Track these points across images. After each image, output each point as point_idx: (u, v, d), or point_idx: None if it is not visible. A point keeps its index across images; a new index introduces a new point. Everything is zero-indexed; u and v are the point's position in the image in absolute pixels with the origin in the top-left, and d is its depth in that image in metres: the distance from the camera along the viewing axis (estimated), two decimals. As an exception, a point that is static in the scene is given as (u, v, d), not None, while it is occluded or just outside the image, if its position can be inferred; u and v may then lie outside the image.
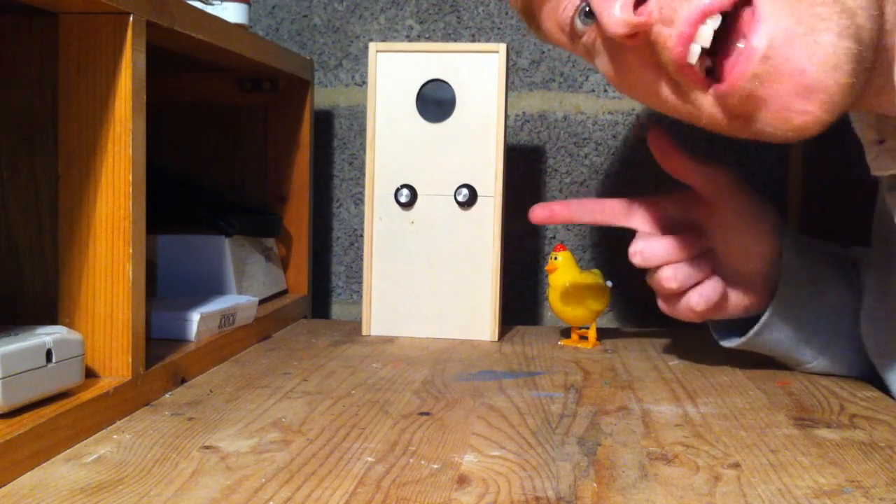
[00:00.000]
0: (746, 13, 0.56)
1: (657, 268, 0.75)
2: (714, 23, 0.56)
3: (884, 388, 0.75)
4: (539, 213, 0.81)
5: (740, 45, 0.56)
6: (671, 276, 0.74)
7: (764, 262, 0.76)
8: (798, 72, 0.54)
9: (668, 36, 0.57)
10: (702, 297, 0.75)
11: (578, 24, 0.65)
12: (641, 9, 0.57)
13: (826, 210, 1.06)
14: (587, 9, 0.63)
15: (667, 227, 0.77)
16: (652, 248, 0.75)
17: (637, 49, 0.60)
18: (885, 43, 0.57)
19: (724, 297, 0.76)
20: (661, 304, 0.78)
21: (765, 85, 0.56)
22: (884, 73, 0.58)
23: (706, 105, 0.60)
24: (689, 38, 0.56)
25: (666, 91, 0.61)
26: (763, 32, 0.55)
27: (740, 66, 0.56)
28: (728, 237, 0.76)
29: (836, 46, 0.54)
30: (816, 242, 0.80)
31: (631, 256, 0.76)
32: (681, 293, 0.76)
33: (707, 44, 0.56)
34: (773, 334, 0.77)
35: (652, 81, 0.61)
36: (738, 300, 0.77)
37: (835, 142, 0.68)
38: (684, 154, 0.76)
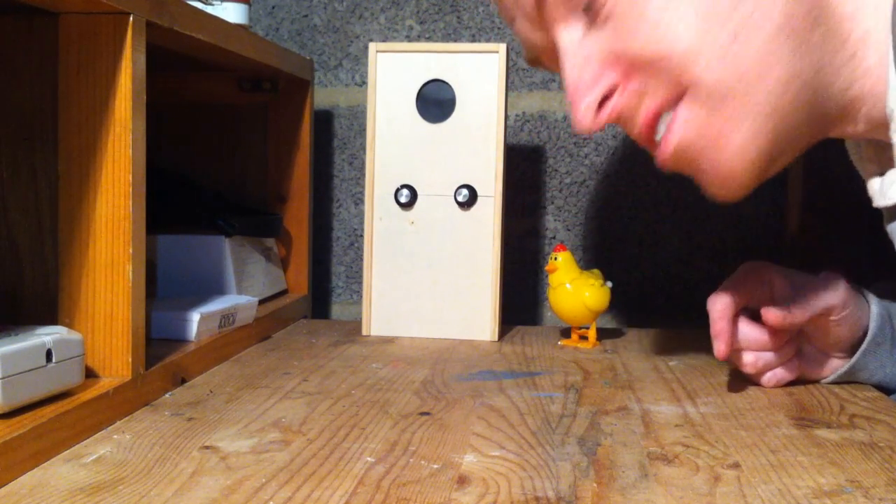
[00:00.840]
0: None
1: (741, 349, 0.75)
2: (667, 118, 0.63)
3: (884, 387, 0.75)
4: (724, 351, 0.75)
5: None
6: (751, 364, 0.75)
7: (848, 346, 0.76)
8: (713, 163, 0.62)
9: (632, 126, 0.64)
10: (774, 377, 0.76)
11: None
12: (606, 104, 0.63)
13: (826, 211, 1.06)
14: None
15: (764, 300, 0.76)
16: (746, 335, 0.74)
17: None
18: (852, 88, 0.62)
19: (797, 376, 0.77)
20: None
21: (690, 166, 0.64)
22: (866, 116, 0.63)
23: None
24: (650, 133, 0.64)
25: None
26: (673, 136, 0.62)
27: (661, 153, 0.64)
28: (825, 337, 0.75)
29: (746, 145, 0.61)
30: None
31: (720, 345, 0.74)
32: (756, 375, 0.76)
33: (664, 129, 0.64)
34: (864, 375, 0.78)
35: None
36: (813, 373, 0.77)
37: (835, 144, 0.69)
38: (798, 310, 0.73)
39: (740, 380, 0.77)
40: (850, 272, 0.79)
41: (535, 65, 0.72)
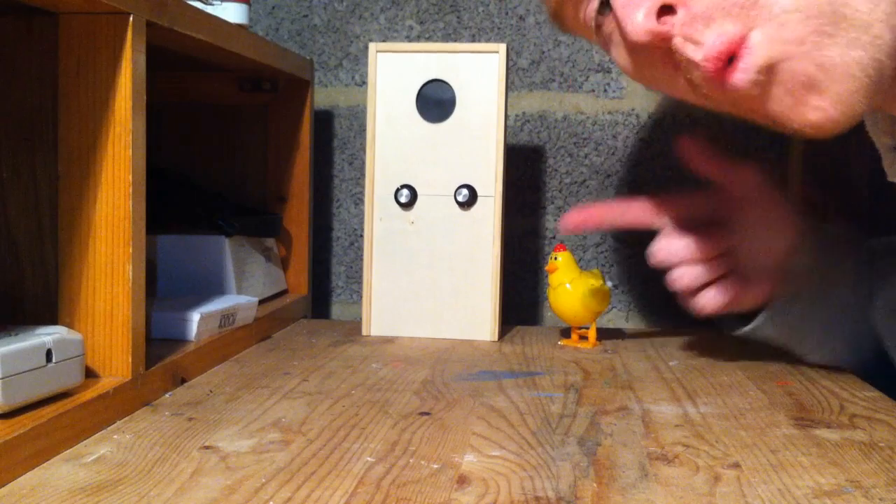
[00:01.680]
0: None
1: (672, 266, 0.77)
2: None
3: (883, 387, 0.75)
4: (573, 217, 0.80)
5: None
6: (679, 277, 0.76)
7: (784, 257, 0.77)
8: (806, 76, 0.57)
9: (693, 51, 0.58)
10: (711, 299, 0.77)
11: (597, 15, 0.66)
12: (665, 19, 0.59)
13: (826, 209, 1.06)
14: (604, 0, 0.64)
15: (693, 224, 0.78)
16: (671, 247, 0.76)
17: (657, 47, 0.61)
18: None
19: (736, 297, 0.77)
20: (680, 297, 0.80)
21: (772, 86, 0.58)
22: None
23: (724, 102, 0.62)
24: (717, 60, 0.58)
25: (683, 86, 0.63)
26: (754, 53, 0.57)
27: (738, 73, 0.58)
28: (753, 233, 0.77)
29: (844, 56, 0.56)
30: (836, 234, 0.81)
31: (652, 255, 0.77)
32: (693, 292, 0.77)
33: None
34: (773, 329, 0.79)
35: (670, 77, 0.63)
36: (757, 293, 0.78)
37: (835, 140, 0.68)
38: (716, 154, 0.77)
39: (740, 380, 0.77)
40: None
41: (557, 18, 0.69)
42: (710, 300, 0.77)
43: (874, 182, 0.75)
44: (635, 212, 0.80)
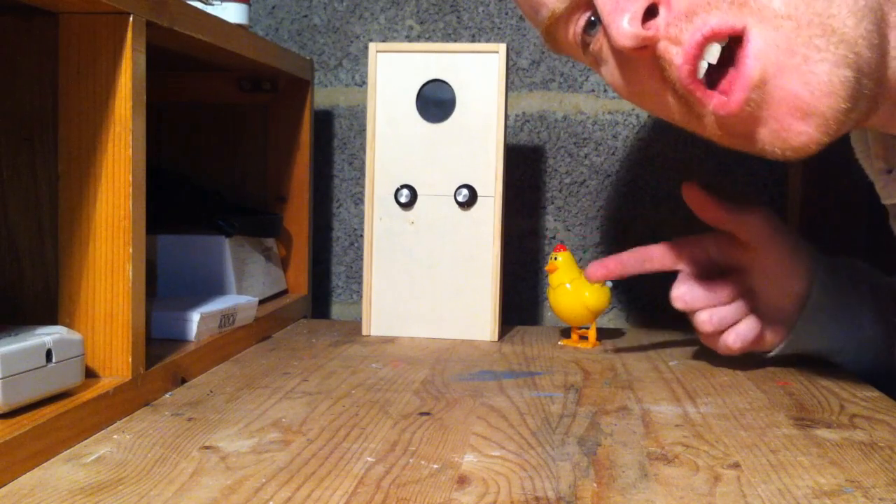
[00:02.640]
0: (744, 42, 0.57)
1: (694, 310, 0.79)
2: (721, 42, 0.57)
3: (884, 387, 0.75)
4: (597, 271, 0.83)
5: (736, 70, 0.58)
6: (707, 321, 0.78)
7: (799, 298, 0.79)
8: (793, 97, 0.56)
9: (675, 54, 0.58)
10: (738, 336, 0.78)
11: (584, 35, 0.66)
12: (649, 23, 0.59)
13: (826, 209, 1.06)
14: (592, 18, 0.64)
15: (709, 267, 0.80)
16: (694, 294, 0.78)
17: (643, 59, 0.61)
18: (890, 68, 0.58)
19: (760, 335, 0.79)
20: (702, 338, 0.81)
21: (761, 108, 0.58)
22: (892, 96, 0.60)
23: (709, 121, 0.61)
24: (695, 58, 0.58)
25: (672, 102, 0.62)
26: (752, 65, 0.56)
27: (735, 94, 0.58)
28: (766, 277, 0.79)
29: (832, 75, 0.55)
30: (851, 273, 0.82)
31: (673, 301, 0.79)
32: (716, 334, 0.79)
33: (714, 60, 0.58)
34: (799, 346, 0.81)
35: (658, 91, 0.62)
36: (774, 334, 0.80)
37: (834, 145, 0.69)
38: (720, 203, 0.78)
39: (740, 380, 0.77)
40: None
41: (549, 40, 0.69)
42: (734, 341, 0.78)
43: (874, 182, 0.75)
44: (655, 258, 0.81)
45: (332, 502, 0.49)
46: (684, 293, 0.78)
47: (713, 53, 0.58)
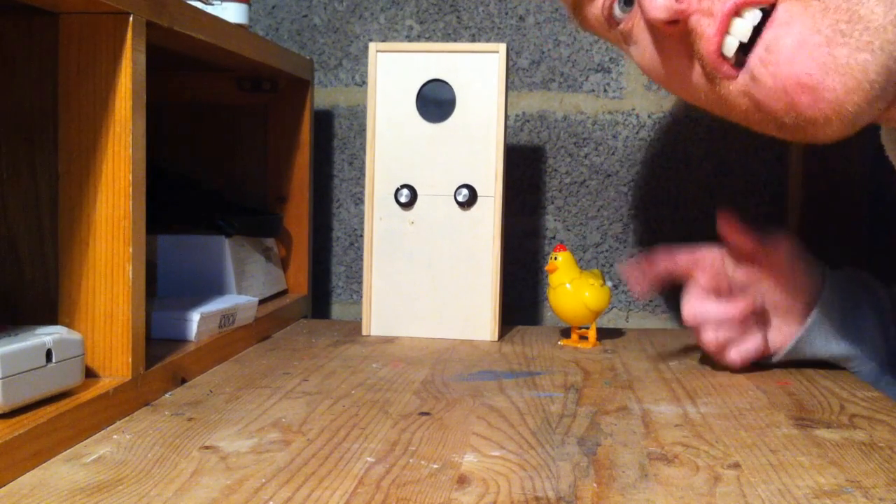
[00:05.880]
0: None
1: (700, 326, 0.79)
2: (753, 18, 0.59)
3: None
4: (636, 278, 0.83)
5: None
6: (712, 342, 0.79)
7: (807, 312, 0.79)
8: (802, 72, 0.57)
9: (706, 25, 0.60)
10: (739, 354, 0.79)
11: (617, 11, 0.67)
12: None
13: (826, 209, 1.06)
14: None
15: (723, 280, 0.80)
16: (705, 310, 0.79)
17: (674, 36, 0.62)
18: None
19: (762, 350, 0.80)
20: (703, 349, 0.82)
21: (770, 73, 0.58)
22: None
23: (733, 95, 0.62)
24: (724, 30, 0.59)
25: (698, 79, 0.63)
26: (772, 33, 0.58)
27: (749, 58, 0.59)
28: (777, 295, 0.80)
29: (850, 58, 0.56)
30: (855, 285, 0.82)
31: (685, 318, 0.80)
32: (719, 352, 0.80)
33: (745, 38, 0.59)
34: (807, 350, 0.81)
35: (686, 69, 0.64)
36: (779, 342, 0.81)
37: (833, 145, 0.69)
38: (752, 236, 0.79)
39: (740, 380, 0.77)
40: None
41: (577, 14, 0.70)
42: (734, 358, 0.79)
43: (874, 183, 0.75)
44: (679, 263, 0.81)
45: (332, 502, 0.49)
46: (695, 309, 0.79)
47: (742, 31, 0.59)
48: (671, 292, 0.82)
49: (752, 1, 0.58)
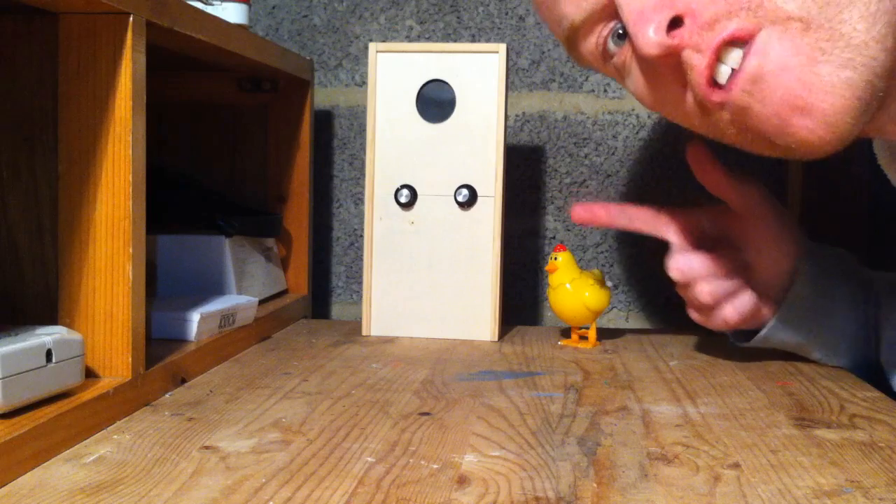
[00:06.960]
0: None
1: (691, 281, 0.79)
2: (741, 48, 0.60)
3: (884, 388, 0.75)
4: (580, 212, 0.83)
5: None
6: (707, 292, 0.78)
7: (789, 274, 0.79)
8: (792, 94, 0.58)
9: (698, 60, 0.61)
10: (735, 309, 0.78)
11: (611, 45, 0.68)
12: (674, 32, 0.61)
13: (826, 209, 1.06)
14: (620, 31, 0.66)
15: (699, 239, 0.80)
16: (691, 264, 0.78)
17: (667, 67, 0.63)
18: None
19: (756, 309, 0.79)
20: (692, 314, 0.81)
21: (763, 103, 0.59)
22: None
23: (724, 121, 0.63)
24: (714, 64, 0.60)
25: (691, 106, 0.64)
26: (750, 60, 0.59)
27: (735, 83, 0.60)
28: (759, 251, 0.79)
29: (833, 75, 0.57)
30: (837, 260, 0.83)
31: (669, 271, 0.79)
32: (715, 306, 0.79)
33: (736, 65, 0.60)
34: (778, 337, 0.81)
35: (679, 97, 0.64)
36: (767, 309, 0.80)
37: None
38: (721, 169, 0.79)
39: (740, 380, 0.77)
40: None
41: (572, 50, 0.70)
42: (730, 313, 0.78)
43: (874, 184, 0.75)
44: (644, 219, 0.82)
45: (332, 502, 0.49)
46: (682, 263, 0.78)
47: (734, 58, 0.60)
48: (671, 293, 0.81)
49: (739, 37, 0.59)
